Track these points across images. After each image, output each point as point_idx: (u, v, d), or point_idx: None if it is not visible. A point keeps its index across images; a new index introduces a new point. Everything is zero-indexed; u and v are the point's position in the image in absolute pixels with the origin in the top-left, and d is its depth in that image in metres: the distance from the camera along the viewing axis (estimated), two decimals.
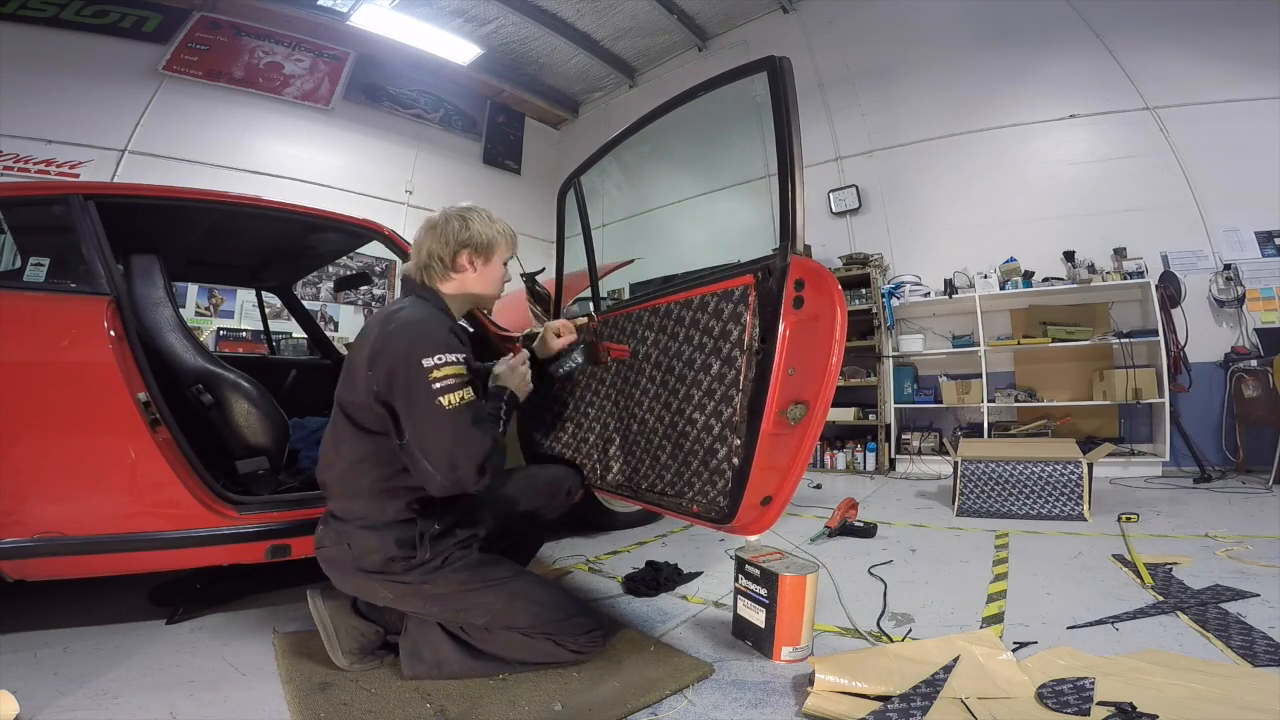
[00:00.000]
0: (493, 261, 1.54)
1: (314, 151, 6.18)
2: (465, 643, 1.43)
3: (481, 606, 1.41)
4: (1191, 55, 4.50)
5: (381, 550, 1.37)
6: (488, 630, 1.42)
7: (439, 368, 1.29)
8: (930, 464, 4.76)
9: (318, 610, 1.48)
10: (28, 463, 1.50)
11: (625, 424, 1.80)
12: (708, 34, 6.82)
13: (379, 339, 1.36)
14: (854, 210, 5.74)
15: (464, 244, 1.48)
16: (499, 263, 1.56)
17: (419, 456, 1.31)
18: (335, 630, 1.46)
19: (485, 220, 1.52)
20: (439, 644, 1.43)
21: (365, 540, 1.38)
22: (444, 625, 1.44)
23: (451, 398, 1.29)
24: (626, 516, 2.91)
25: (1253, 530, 2.59)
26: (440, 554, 1.41)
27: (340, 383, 1.44)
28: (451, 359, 1.31)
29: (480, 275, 1.53)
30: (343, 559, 1.41)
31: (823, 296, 1.25)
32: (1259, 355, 4.03)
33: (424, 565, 1.39)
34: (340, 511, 1.44)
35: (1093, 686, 1.26)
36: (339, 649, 1.46)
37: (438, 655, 1.42)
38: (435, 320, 1.39)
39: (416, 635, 1.45)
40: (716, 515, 1.42)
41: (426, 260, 1.49)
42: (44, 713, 1.27)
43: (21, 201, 1.80)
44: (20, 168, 4.54)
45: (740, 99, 1.51)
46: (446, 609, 1.42)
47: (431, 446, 1.30)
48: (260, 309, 3.54)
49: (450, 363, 1.31)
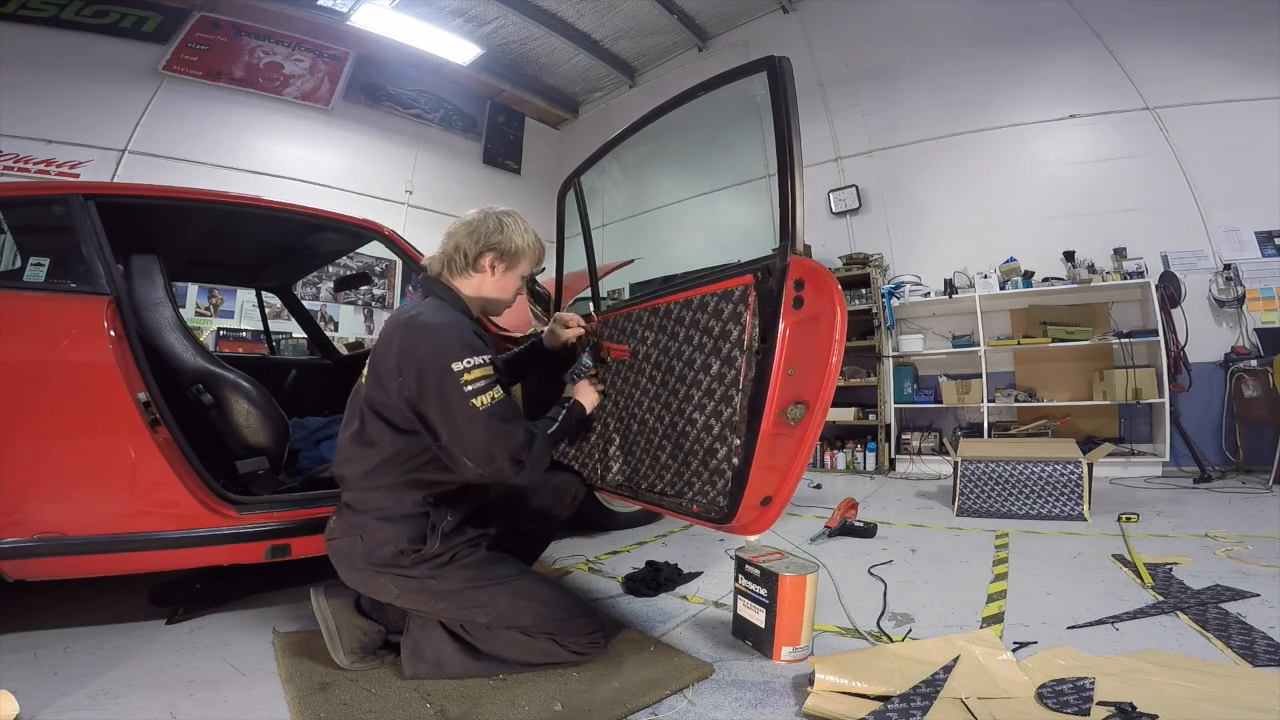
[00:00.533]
0: (515, 271, 1.56)
1: (314, 151, 6.18)
2: (467, 643, 1.43)
3: (485, 605, 1.41)
4: (1191, 55, 4.50)
5: (394, 541, 1.39)
6: (490, 630, 1.42)
7: (469, 370, 1.33)
8: (930, 464, 4.76)
9: (320, 608, 1.48)
10: (28, 463, 1.50)
11: (625, 424, 1.80)
12: (708, 34, 6.83)
13: (405, 343, 1.38)
14: (854, 210, 5.74)
15: (492, 246, 1.50)
16: (519, 274, 1.58)
17: (459, 455, 1.36)
18: (338, 629, 1.47)
19: (521, 230, 1.54)
20: (440, 644, 1.43)
21: (380, 531, 1.40)
22: (446, 625, 1.44)
23: (484, 399, 1.33)
24: (626, 516, 2.91)
25: (1253, 530, 2.59)
26: (449, 549, 1.42)
27: (368, 385, 1.46)
28: (479, 361, 1.35)
29: (499, 281, 1.54)
30: (353, 551, 1.42)
31: (823, 296, 1.25)
32: (1259, 355, 4.03)
33: (432, 560, 1.40)
34: (356, 503, 1.45)
35: (1093, 686, 1.26)
36: (340, 648, 1.46)
37: (439, 654, 1.43)
38: (458, 324, 1.41)
39: (419, 635, 1.45)
40: (716, 515, 1.42)
41: (452, 253, 1.50)
42: (44, 713, 1.27)
43: (21, 201, 1.80)
44: (20, 168, 4.54)
45: (740, 99, 1.50)
46: (451, 606, 1.42)
47: (470, 445, 1.35)
48: (260, 309, 3.55)
49: (479, 365, 1.34)
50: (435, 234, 5.55)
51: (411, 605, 1.45)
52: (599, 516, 2.84)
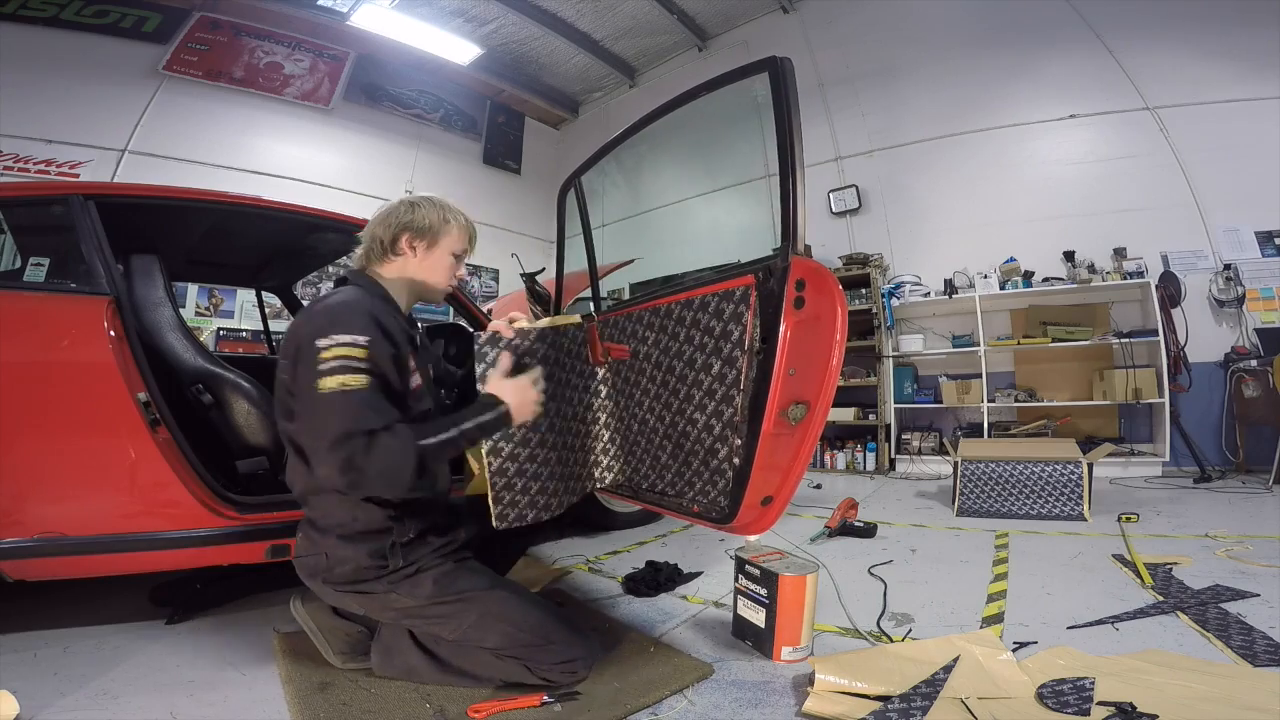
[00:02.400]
0: (437, 248, 1.45)
1: (314, 151, 6.17)
2: (436, 656, 1.39)
3: (449, 620, 1.35)
4: (1191, 55, 4.49)
5: (353, 560, 1.32)
6: (459, 645, 1.37)
7: (329, 349, 1.18)
8: (930, 464, 4.76)
9: (300, 615, 1.49)
10: (28, 463, 1.50)
11: (625, 424, 1.80)
12: (708, 34, 6.82)
13: (293, 328, 1.31)
14: (854, 210, 5.74)
15: (405, 227, 1.42)
16: (446, 251, 1.47)
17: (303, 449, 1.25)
18: (321, 632, 1.47)
19: (435, 208, 1.45)
20: (408, 652, 1.40)
21: (339, 549, 1.33)
22: (414, 636, 1.40)
23: (330, 381, 1.16)
24: (626, 516, 2.91)
25: (1253, 530, 2.59)
26: (412, 562, 1.34)
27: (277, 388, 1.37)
28: (346, 340, 1.20)
29: (422, 261, 1.45)
30: (317, 569, 1.36)
31: (824, 297, 1.25)
32: (1259, 355, 4.02)
33: (394, 573, 1.33)
34: (318, 520, 1.37)
35: (1093, 686, 1.26)
36: (330, 649, 1.46)
37: (408, 663, 1.40)
38: (354, 304, 1.29)
39: (388, 640, 1.42)
40: (717, 515, 1.42)
41: (370, 243, 1.45)
42: (44, 713, 1.27)
43: (21, 201, 1.80)
44: (20, 168, 4.53)
45: (740, 99, 1.50)
46: (415, 621, 1.37)
47: (307, 436, 1.23)
48: (260, 309, 3.54)
49: (344, 344, 1.19)
50: None
51: (379, 618, 1.41)
52: (599, 516, 2.84)
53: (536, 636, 1.34)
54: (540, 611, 1.40)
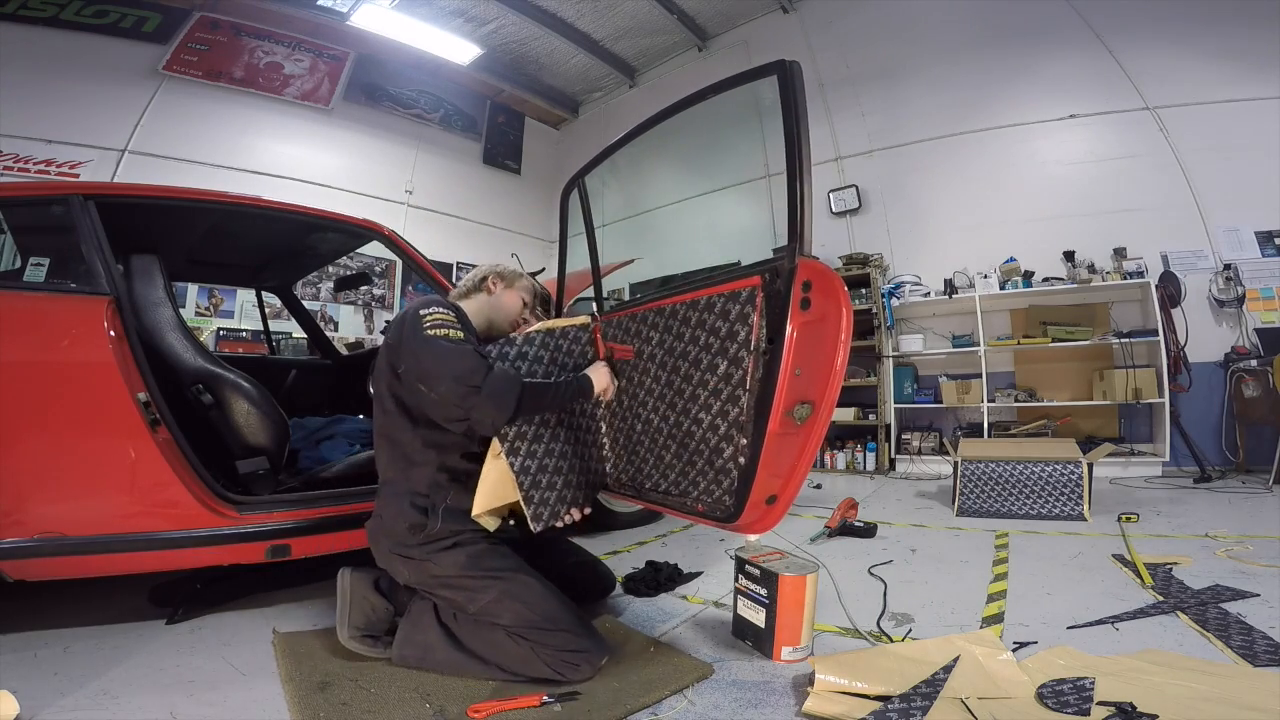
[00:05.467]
0: (513, 290, 1.79)
1: (314, 151, 6.18)
2: (454, 634, 1.47)
3: (473, 593, 1.45)
4: (1191, 55, 4.50)
5: (403, 518, 1.48)
6: (476, 622, 1.45)
7: (433, 313, 1.47)
8: (930, 464, 4.77)
9: (342, 582, 1.57)
10: (28, 463, 1.50)
11: (629, 424, 1.80)
12: (708, 34, 6.83)
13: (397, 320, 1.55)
14: (854, 210, 5.74)
15: (493, 270, 1.79)
16: (516, 296, 1.79)
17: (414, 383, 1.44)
18: (351, 602, 1.54)
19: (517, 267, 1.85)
20: (429, 630, 1.49)
21: (391, 506, 1.51)
22: (439, 613, 1.50)
23: (439, 330, 1.43)
24: (626, 516, 2.91)
25: (1253, 530, 2.59)
26: (453, 534, 1.49)
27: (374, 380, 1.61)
28: (445, 309, 1.50)
29: (498, 297, 1.77)
30: (377, 529, 1.54)
31: (829, 298, 1.25)
32: (1259, 355, 4.03)
33: (434, 542, 1.48)
34: (386, 485, 1.58)
35: (1093, 686, 1.26)
36: (347, 621, 1.53)
37: (427, 640, 1.48)
38: (445, 301, 1.58)
39: (416, 615, 1.52)
40: (722, 514, 1.42)
41: (464, 282, 1.80)
42: (44, 713, 1.27)
43: (21, 201, 1.80)
44: (20, 168, 4.54)
45: (740, 100, 1.50)
46: (446, 590, 1.48)
47: (423, 367, 1.41)
48: (260, 309, 3.54)
49: (443, 312, 1.48)
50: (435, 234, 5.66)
51: (417, 584, 1.52)
52: (599, 516, 2.83)
53: (548, 621, 1.42)
54: (557, 601, 1.48)
